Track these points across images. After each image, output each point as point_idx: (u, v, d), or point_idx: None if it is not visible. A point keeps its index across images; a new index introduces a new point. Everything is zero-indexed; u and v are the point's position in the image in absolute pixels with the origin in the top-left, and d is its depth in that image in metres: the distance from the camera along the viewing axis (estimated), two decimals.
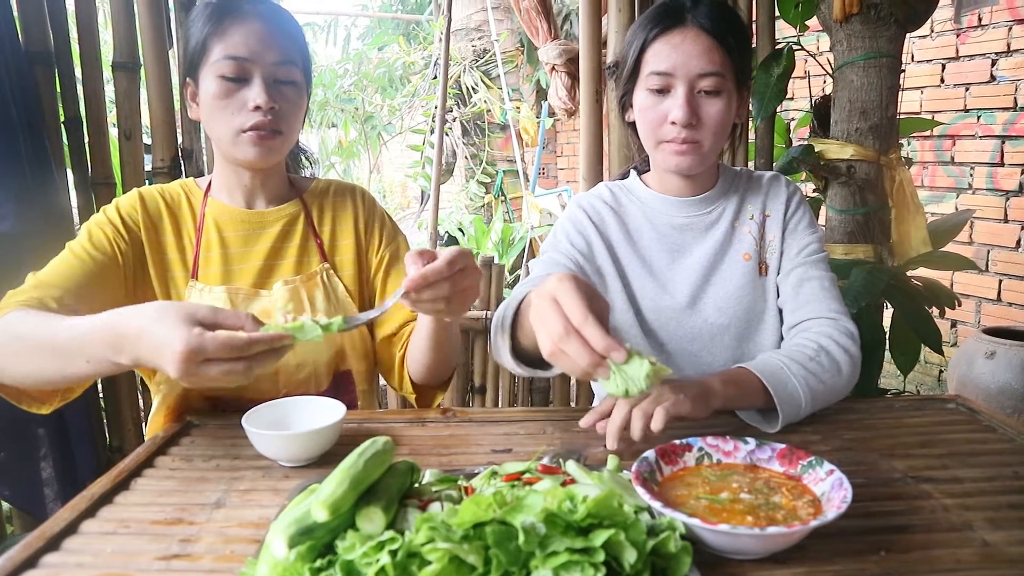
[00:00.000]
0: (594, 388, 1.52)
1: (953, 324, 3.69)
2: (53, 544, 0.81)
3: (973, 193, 3.55)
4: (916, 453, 1.02)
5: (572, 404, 2.26)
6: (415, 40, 7.39)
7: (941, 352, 2.01)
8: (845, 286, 1.82)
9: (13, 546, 0.79)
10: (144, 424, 1.34)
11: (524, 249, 5.45)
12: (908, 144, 3.78)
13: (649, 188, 1.37)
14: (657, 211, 1.34)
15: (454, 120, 6.63)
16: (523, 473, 0.87)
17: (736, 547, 0.75)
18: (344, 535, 0.71)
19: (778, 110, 2.22)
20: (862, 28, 1.99)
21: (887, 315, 2.09)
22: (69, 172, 1.83)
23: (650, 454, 0.86)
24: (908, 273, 2.11)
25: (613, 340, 0.78)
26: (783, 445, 0.89)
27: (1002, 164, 3.41)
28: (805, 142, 2.16)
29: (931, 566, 0.75)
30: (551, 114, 5.47)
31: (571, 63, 3.58)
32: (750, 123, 2.02)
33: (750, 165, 2.18)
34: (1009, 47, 3.32)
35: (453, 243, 6.21)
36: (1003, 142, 3.40)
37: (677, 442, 0.90)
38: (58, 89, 1.77)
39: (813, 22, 2.22)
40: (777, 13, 2.16)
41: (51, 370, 0.97)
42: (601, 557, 0.64)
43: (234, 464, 1.02)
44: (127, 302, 1.08)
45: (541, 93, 6.55)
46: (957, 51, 3.56)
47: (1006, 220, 3.41)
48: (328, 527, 0.71)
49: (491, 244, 5.79)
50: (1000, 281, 3.45)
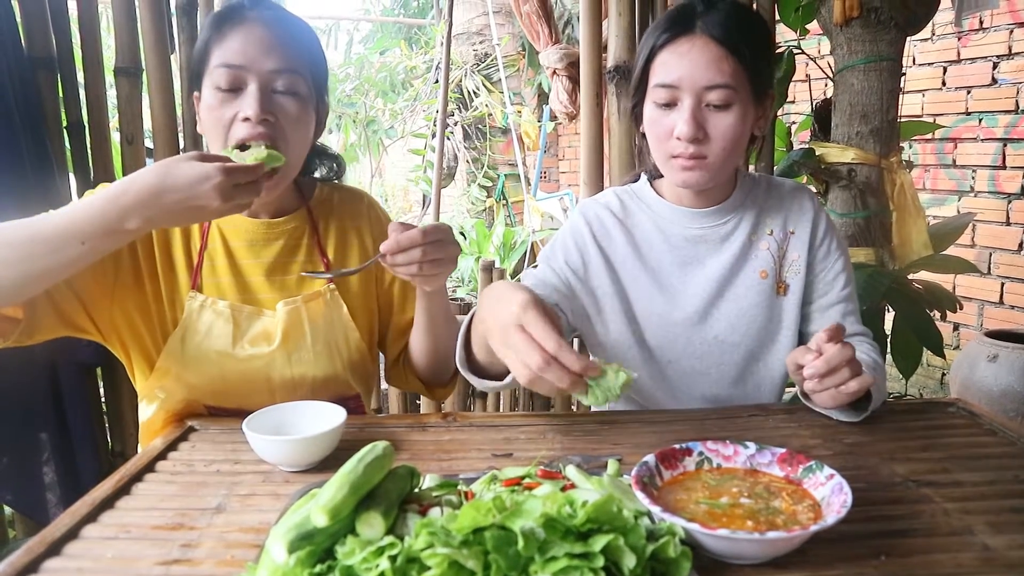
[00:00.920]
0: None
1: (955, 327, 3.68)
2: (54, 549, 0.81)
3: (975, 196, 3.55)
4: (917, 457, 1.01)
5: (573, 408, 2.26)
6: (417, 44, 7.41)
7: (942, 355, 2.01)
8: None
9: (15, 551, 0.79)
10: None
11: (525, 253, 5.45)
12: (910, 147, 3.78)
13: (661, 196, 1.32)
14: (669, 221, 1.29)
15: (455, 124, 6.64)
16: (523, 478, 0.87)
17: (736, 552, 0.74)
18: (344, 540, 0.71)
19: (779, 114, 2.23)
20: (862, 32, 1.99)
21: (888, 318, 2.09)
22: (71, 176, 1.83)
23: (650, 458, 0.86)
24: (909, 276, 2.11)
25: (587, 360, 0.84)
26: (783, 449, 0.89)
27: (1004, 167, 3.41)
28: (806, 145, 2.16)
29: (932, 571, 0.74)
30: (552, 118, 5.48)
31: (572, 67, 3.58)
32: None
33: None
34: (1010, 50, 3.32)
35: None
36: (1005, 145, 3.40)
37: (677, 446, 0.90)
38: (60, 94, 1.78)
39: (814, 25, 2.22)
40: (778, 17, 2.16)
41: (37, 264, 0.92)
42: (600, 562, 0.64)
43: (235, 469, 1.02)
44: (99, 271, 1.13)
45: (542, 97, 6.57)
46: (958, 54, 3.56)
47: (1008, 223, 3.40)
48: (328, 532, 0.71)
49: (492, 248, 5.79)
50: (1002, 284, 3.45)
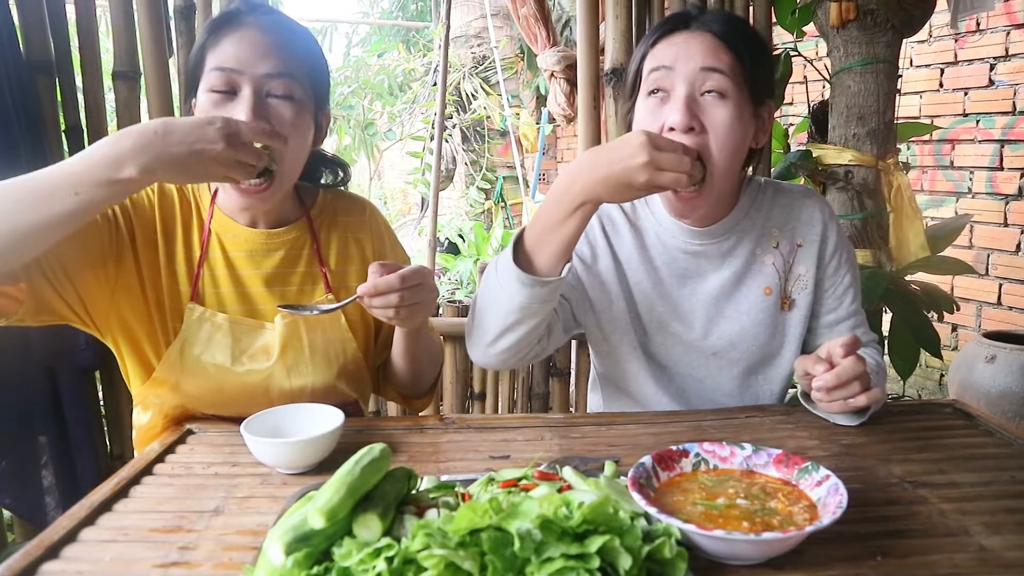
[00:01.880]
0: (589, 399, 1.52)
1: (953, 328, 3.69)
2: (52, 552, 0.81)
3: (973, 197, 3.56)
4: (913, 458, 1.02)
5: (571, 410, 2.26)
6: (415, 47, 7.42)
7: (940, 357, 2.01)
8: None
9: (13, 554, 0.79)
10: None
11: None
12: (907, 148, 3.79)
13: (662, 206, 1.25)
14: (670, 233, 1.24)
15: (454, 127, 6.65)
16: (520, 479, 0.87)
17: (732, 553, 0.75)
18: (341, 542, 0.71)
19: (776, 115, 2.23)
20: (859, 34, 2.00)
21: (886, 320, 2.09)
22: None
23: (647, 460, 0.87)
24: (907, 278, 2.11)
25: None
26: (779, 451, 0.89)
27: (1001, 168, 3.42)
28: (803, 147, 2.16)
29: (928, 571, 0.75)
30: (550, 120, 5.49)
31: (570, 69, 3.59)
32: None
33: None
34: (1007, 51, 3.33)
35: (453, 249, 6.22)
36: (1002, 146, 3.40)
37: (674, 448, 0.90)
38: (59, 98, 1.78)
39: (811, 28, 2.23)
40: (774, 19, 2.16)
41: (30, 220, 0.89)
42: (596, 563, 0.64)
43: (232, 471, 1.02)
44: (100, 273, 1.11)
45: (541, 99, 6.57)
46: (956, 56, 3.57)
47: (1006, 224, 3.41)
48: (325, 534, 0.71)
49: (491, 250, 5.80)
50: (1000, 285, 3.45)
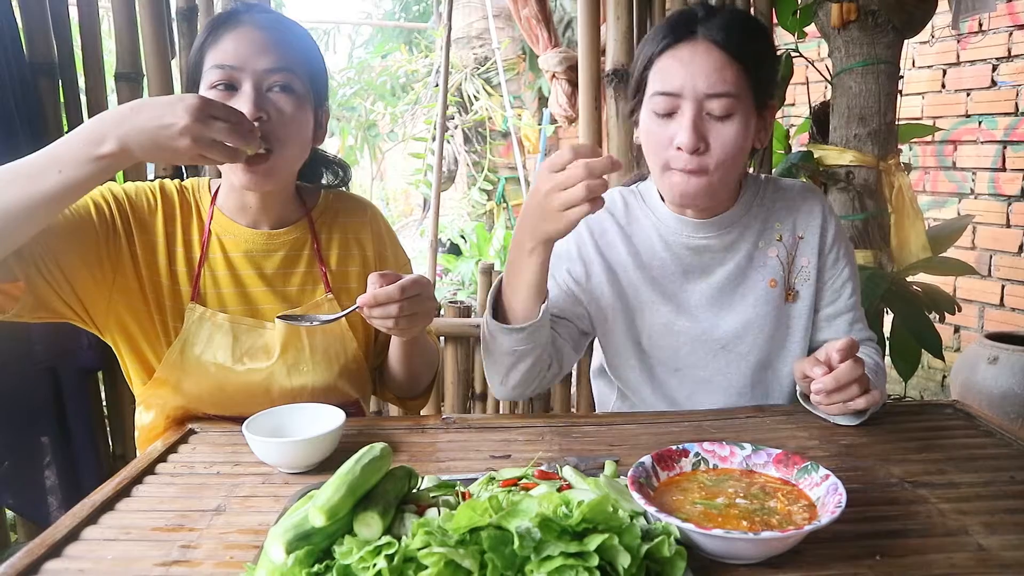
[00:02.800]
0: (595, 396, 1.52)
1: (956, 329, 3.68)
2: (55, 551, 0.81)
3: (975, 198, 3.56)
4: (913, 458, 1.02)
5: (572, 410, 2.26)
6: (417, 48, 7.43)
7: (941, 358, 2.01)
8: None
9: (16, 553, 0.80)
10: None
11: None
12: (910, 149, 3.79)
13: (663, 203, 1.26)
14: (671, 230, 1.25)
15: (456, 128, 6.65)
16: (520, 478, 0.88)
17: (731, 552, 0.75)
18: (341, 540, 0.71)
19: (777, 116, 2.23)
20: (860, 35, 2.00)
21: (887, 321, 2.09)
22: None
23: (646, 459, 0.87)
24: (908, 279, 2.11)
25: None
26: (779, 450, 0.89)
27: (1004, 169, 3.41)
28: (804, 148, 2.17)
29: (926, 571, 0.75)
30: (552, 121, 5.49)
31: (571, 71, 3.59)
32: None
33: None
34: (1010, 52, 3.33)
35: (455, 250, 6.22)
36: (1004, 147, 3.40)
37: (674, 447, 0.90)
38: (62, 99, 1.79)
39: (812, 28, 2.23)
40: (776, 20, 2.17)
41: (15, 198, 0.91)
42: (595, 561, 0.65)
43: (234, 471, 1.03)
44: (97, 272, 1.12)
45: (543, 100, 6.57)
46: (958, 56, 3.57)
47: (1008, 225, 3.40)
48: (325, 532, 0.71)
49: (493, 251, 5.80)
50: (1003, 286, 3.45)
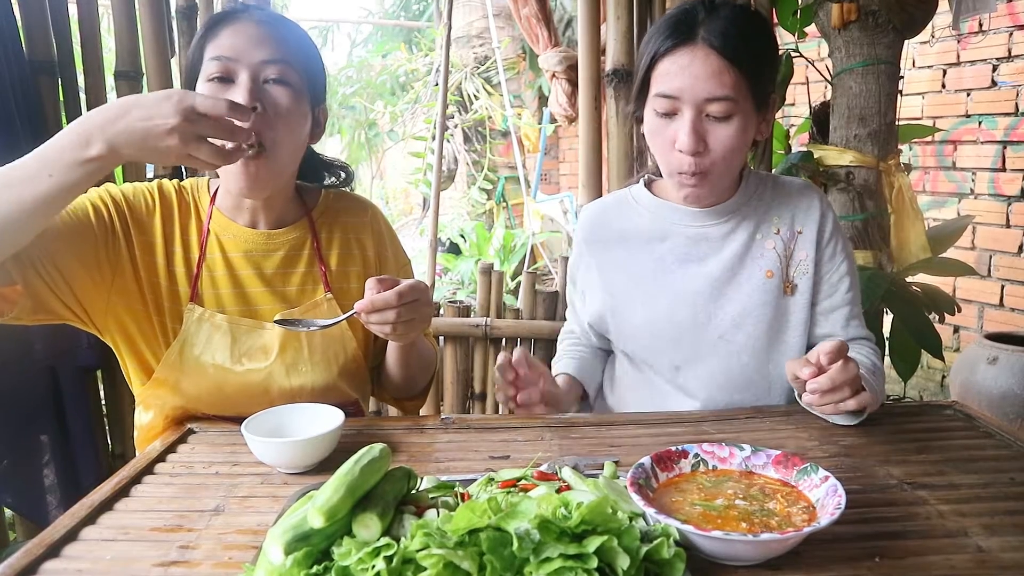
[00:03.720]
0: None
1: (955, 329, 3.68)
2: (53, 551, 0.81)
3: (975, 198, 3.56)
4: (913, 459, 1.02)
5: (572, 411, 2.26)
6: (417, 47, 7.42)
7: (941, 358, 2.01)
8: None
9: (15, 552, 0.80)
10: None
11: (525, 256, 5.46)
12: (910, 149, 3.79)
13: (659, 197, 1.32)
14: (669, 221, 1.29)
15: (455, 127, 6.65)
16: (519, 480, 0.87)
17: (730, 553, 0.75)
18: (340, 541, 0.71)
19: (777, 116, 2.23)
20: (860, 35, 2.00)
21: (887, 321, 2.09)
22: None
23: (646, 460, 0.87)
24: (908, 279, 2.11)
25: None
26: (778, 452, 0.89)
27: (1004, 169, 3.41)
28: (804, 148, 2.17)
29: (925, 572, 0.75)
30: (552, 120, 5.49)
31: (571, 70, 3.59)
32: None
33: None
34: (1010, 52, 3.33)
35: (455, 249, 6.22)
36: (1004, 147, 3.40)
37: (673, 448, 0.90)
38: (61, 98, 1.79)
39: (812, 28, 2.23)
40: (776, 20, 2.17)
41: (8, 204, 0.91)
42: (594, 563, 0.65)
43: (233, 471, 1.02)
44: (95, 274, 1.11)
45: (542, 99, 6.58)
46: (958, 56, 3.57)
47: (1008, 225, 3.40)
48: (324, 533, 0.71)
49: (492, 250, 5.80)
50: (1002, 286, 3.45)
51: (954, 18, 2.16)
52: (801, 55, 2.24)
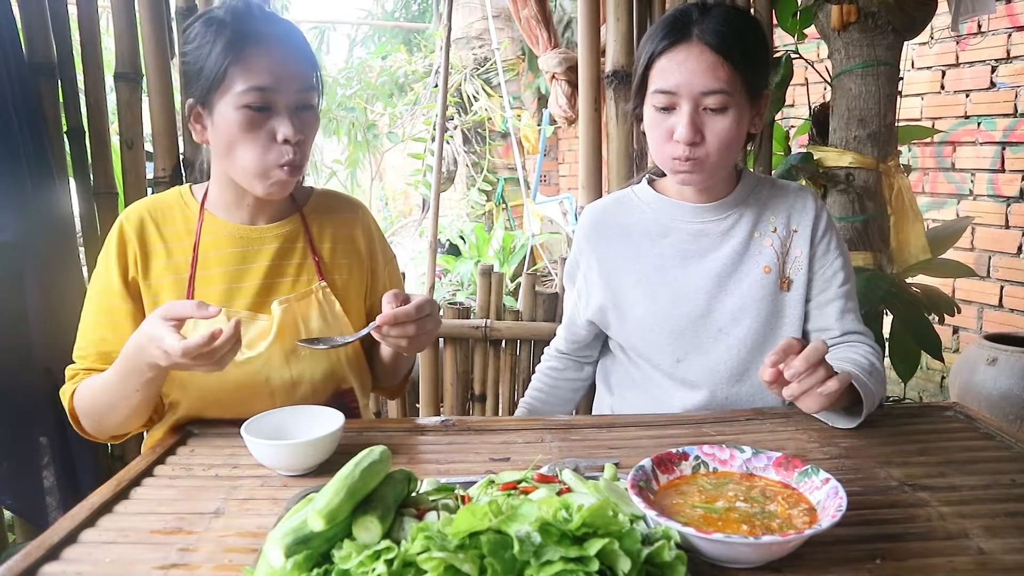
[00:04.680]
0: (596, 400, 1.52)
1: (955, 330, 3.68)
2: (53, 554, 0.81)
3: (974, 199, 3.56)
4: (913, 461, 1.02)
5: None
6: (416, 48, 7.42)
7: (941, 359, 2.01)
8: None
9: (14, 555, 0.79)
10: (144, 434, 1.33)
11: (525, 257, 5.46)
12: (909, 151, 3.79)
13: (662, 194, 1.36)
14: (671, 217, 1.33)
15: (455, 128, 6.65)
16: (520, 482, 0.87)
17: (731, 556, 0.75)
18: (340, 544, 0.71)
19: (777, 118, 2.23)
20: (860, 36, 2.00)
21: (887, 322, 2.09)
22: (71, 181, 1.84)
23: (646, 462, 0.87)
24: (908, 280, 2.11)
25: None
26: (779, 454, 0.89)
27: (1003, 170, 3.41)
28: (804, 150, 2.17)
29: (927, 574, 0.75)
30: (552, 122, 5.49)
31: (571, 71, 3.59)
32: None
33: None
34: (1009, 54, 3.33)
35: (454, 251, 6.22)
36: (1003, 148, 3.40)
37: (673, 450, 0.90)
38: (61, 99, 1.79)
39: (812, 30, 2.23)
40: (775, 21, 2.17)
41: (125, 410, 1.14)
42: (595, 566, 0.65)
43: (233, 473, 1.02)
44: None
45: (542, 101, 6.58)
46: (957, 58, 3.57)
47: (1007, 226, 3.40)
48: (325, 536, 0.71)
49: (492, 252, 5.79)
50: (1002, 287, 3.45)
51: (953, 20, 2.16)
52: (800, 56, 2.24)
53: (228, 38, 1.12)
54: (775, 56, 2.12)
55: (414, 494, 0.84)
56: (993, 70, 3.42)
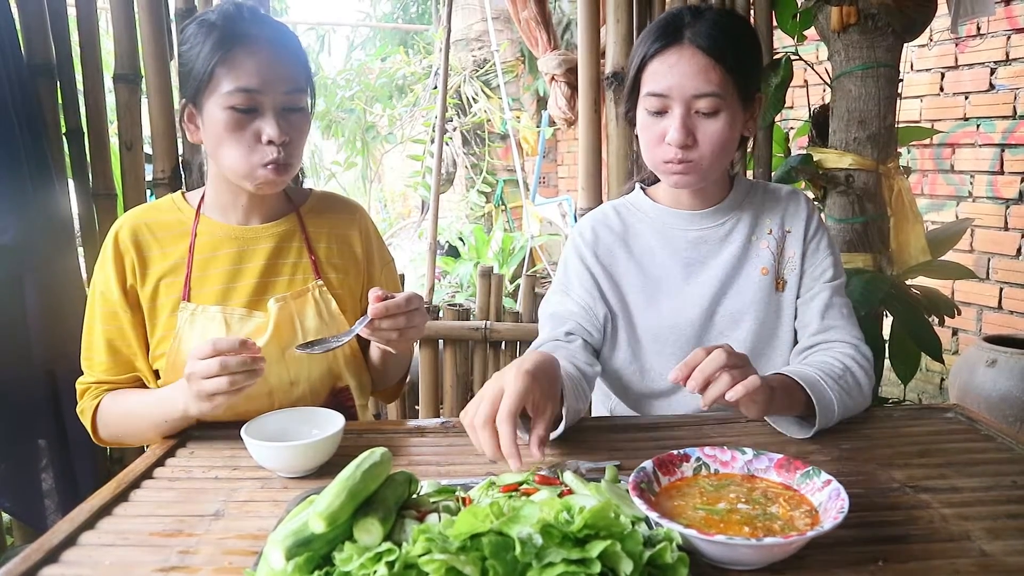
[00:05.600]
0: (593, 403, 1.52)
1: (954, 332, 3.69)
2: (52, 556, 0.81)
3: (973, 201, 3.56)
4: (915, 463, 1.02)
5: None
6: (415, 50, 7.43)
7: (941, 361, 2.01)
8: None
9: (13, 558, 0.79)
10: None
11: (524, 258, 5.46)
12: (908, 152, 3.79)
13: (657, 203, 1.35)
14: (669, 226, 1.32)
15: (454, 130, 6.65)
16: (521, 484, 0.87)
17: (733, 558, 0.75)
18: (342, 546, 0.71)
19: (777, 119, 2.23)
20: (860, 38, 2.00)
21: (886, 324, 2.09)
22: (70, 183, 1.84)
23: (648, 464, 0.87)
24: (907, 282, 2.11)
25: (515, 450, 0.88)
26: (780, 455, 0.89)
27: (1002, 172, 3.42)
28: (804, 151, 2.17)
29: None
30: (551, 123, 5.49)
31: (570, 73, 3.59)
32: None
33: (748, 175, 2.19)
34: (1008, 56, 3.33)
35: (454, 252, 6.22)
36: (1002, 150, 3.40)
37: (675, 452, 0.90)
38: (60, 100, 1.79)
39: (811, 31, 2.23)
40: (775, 23, 2.17)
41: (151, 437, 1.20)
42: (597, 568, 0.64)
43: (233, 475, 1.02)
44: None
45: (541, 102, 6.58)
46: (956, 60, 3.57)
47: (1006, 228, 3.41)
48: (326, 538, 0.71)
49: (491, 253, 5.79)
50: (1001, 289, 3.45)
51: (952, 21, 2.17)
52: (800, 58, 2.24)
53: (216, 39, 1.14)
54: (775, 58, 2.12)
55: (415, 496, 0.84)
56: (992, 72, 3.42)
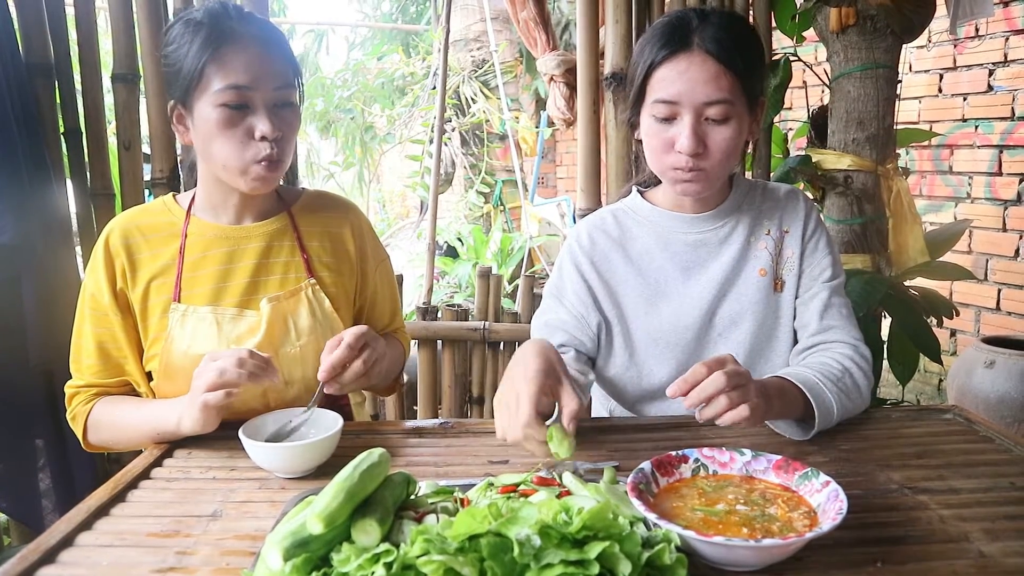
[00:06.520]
0: (592, 404, 1.52)
1: (952, 333, 3.69)
2: (49, 557, 0.81)
3: (972, 202, 3.56)
4: (913, 464, 1.02)
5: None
6: (414, 50, 7.42)
7: (939, 362, 2.01)
8: None
9: (10, 558, 0.79)
10: None
11: (523, 259, 5.45)
12: (907, 153, 3.79)
13: (656, 206, 1.33)
14: (668, 229, 1.31)
15: (453, 130, 6.65)
16: (519, 485, 0.87)
17: (731, 559, 0.75)
18: (339, 547, 0.71)
19: (776, 120, 2.23)
20: (858, 39, 2.00)
21: (885, 325, 2.09)
22: (68, 183, 1.83)
23: (646, 465, 0.86)
24: (906, 283, 2.11)
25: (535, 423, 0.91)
26: (779, 456, 0.89)
27: (1000, 173, 3.42)
28: (802, 152, 2.17)
29: None
30: (550, 124, 5.49)
31: (569, 73, 3.59)
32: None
33: (747, 175, 2.19)
34: (1006, 57, 3.34)
35: (452, 252, 6.22)
36: (1001, 151, 3.41)
37: (673, 453, 0.90)
38: (58, 100, 1.78)
39: (810, 32, 2.23)
40: (774, 24, 2.17)
41: (130, 444, 1.22)
42: (596, 569, 0.64)
43: (230, 476, 1.02)
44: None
45: (540, 103, 6.57)
46: (955, 61, 3.58)
47: (1004, 229, 3.41)
48: (323, 539, 0.71)
49: (490, 254, 5.79)
50: (999, 290, 3.45)
51: (951, 23, 2.17)
52: (799, 59, 2.25)
53: (204, 37, 1.13)
54: (774, 59, 2.12)
55: (413, 497, 0.84)
56: (991, 73, 3.42)
